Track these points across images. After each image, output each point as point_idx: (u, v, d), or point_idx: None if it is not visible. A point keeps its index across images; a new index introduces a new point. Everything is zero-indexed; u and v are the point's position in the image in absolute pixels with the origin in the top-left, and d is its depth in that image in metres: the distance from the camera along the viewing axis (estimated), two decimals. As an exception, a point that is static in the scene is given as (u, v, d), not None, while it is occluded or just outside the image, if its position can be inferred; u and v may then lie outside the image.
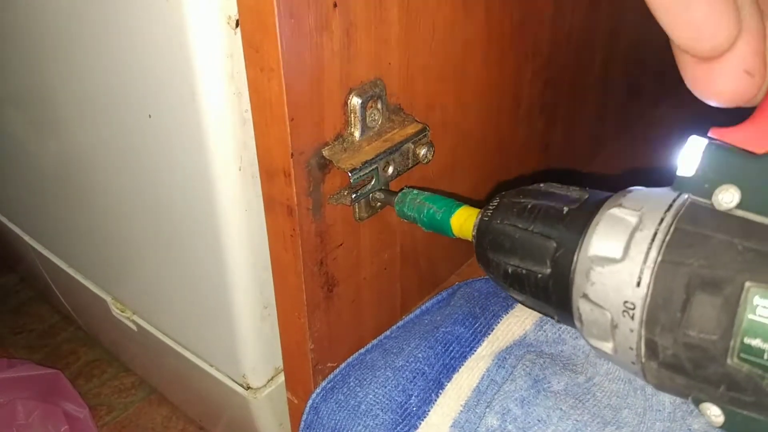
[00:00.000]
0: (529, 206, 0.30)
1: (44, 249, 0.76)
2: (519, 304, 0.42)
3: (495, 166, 0.51)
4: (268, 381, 0.54)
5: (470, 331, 0.41)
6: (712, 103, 0.26)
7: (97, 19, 0.42)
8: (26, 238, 0.78)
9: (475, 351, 0.41)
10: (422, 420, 0.37)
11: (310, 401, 0.40)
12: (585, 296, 0.26)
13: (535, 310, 0.32)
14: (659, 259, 0.24)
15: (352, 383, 0.39)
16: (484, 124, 0.47)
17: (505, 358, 0.40)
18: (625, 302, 0.25)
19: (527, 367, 0.39)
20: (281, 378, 0.53)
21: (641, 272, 0.24)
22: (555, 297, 0.28)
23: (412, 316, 0.45)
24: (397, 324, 0.44)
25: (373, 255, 0.41)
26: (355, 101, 0.34)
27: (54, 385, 0.80)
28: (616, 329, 0.25)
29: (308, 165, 0.33)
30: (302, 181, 0.33)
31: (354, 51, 0.33)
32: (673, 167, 0.26)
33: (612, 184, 0.31)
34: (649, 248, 0.24)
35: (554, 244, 0.28)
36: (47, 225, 0.72)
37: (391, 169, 0.36)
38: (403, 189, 0.37)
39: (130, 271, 0.62)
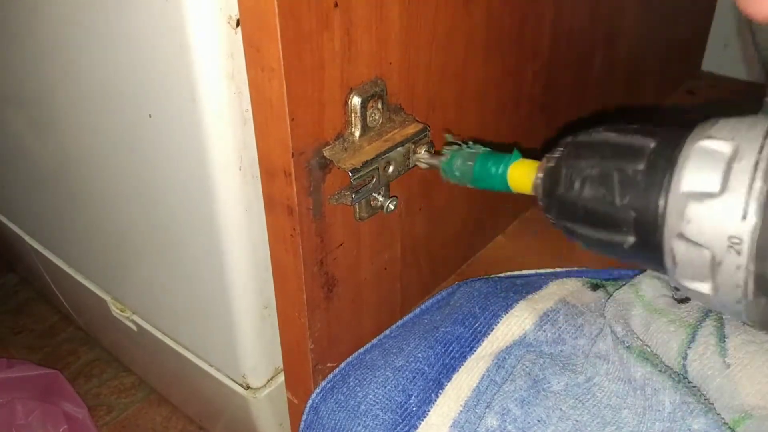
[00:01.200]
0: (604, 146, 0.28)
1: (44, 249, 0.76)
2: (519, 304, 0.42)
3: (495, 166, 0.51)
4: (268, 381, 0.54)
5: (470, 331, 0.41)
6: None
7: (97, 19, 0.42)
8: (26, 238, 0.78)
9: (475, 351, 0.41)
10: (422, 420, 0.37)
11: (310, 401, 0.40)
12: (680, 236, 0.24)
13: (607, 254, 0.29)
14: (766, 188, 0.22)
15: (351, 383, 0.39)
16: (485, 124, 0.47)
17: (504, 358, 0.40)
18: (730, 237, 0.23)
19: (527, 367, 0.39)
20: (281, 378, 0.53)
21: (746, 204, 0.23)
22: (639, 238, 0.26)
23: (411, 315, 0.45)
24: (397, 324, 0.44)
25: (373, 255, 0.41)
26: (356, 101, 0.34)
27: (53, 385, 0.80)
28: (719, 267, 0.24)
29: (309, 165, 0.33)
30: (302, 181, 0.33)
31: (355, 51, 0.33)
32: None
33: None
34: (753, 178, 0.23)
35: (640, 183, 0.26)
36: (47, 225, 0.72)
37: (391, 169, 0.36)
38: (448, 147, 0.35)
39: (129, 271, 0.62)
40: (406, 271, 0.46)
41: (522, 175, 0.32)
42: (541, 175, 0.31)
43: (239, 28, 0.35)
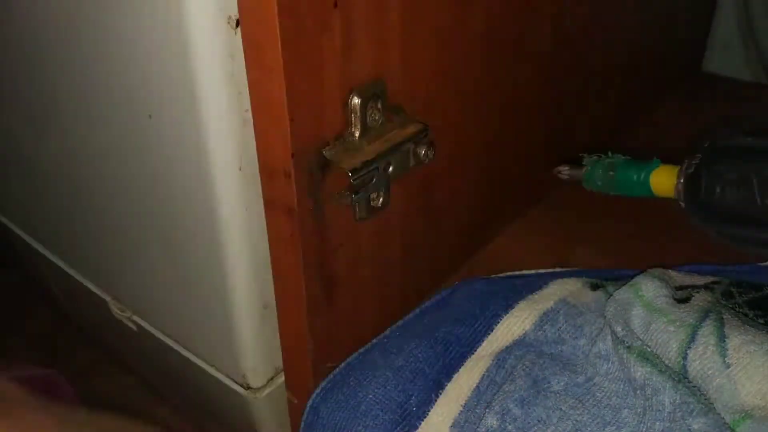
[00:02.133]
0: (742, 150, 0.29)
1: (44, 249, 0.76)
2: (519, 304, 0.42)
3: (495, 165, 0.51)
4: (268, 381, 0.54)
5: (470, 331, 0.41)
6: None
7: (97, 19, 0.42)
8: (26, 238, 0.78)
9: (475, 351, 0.41)
10: (422, 420, 0.37)
11: (310, 401, 0.40)
12: None
13: (754, 249, 0.30)
14: None
15: (352, 383, 0.39)
16: (485, 124, 0.47)
17: (504, 358, 0.40)
18: None
19: (527, 367, 0.39)
20: (281, 378, 0.53)
21: None
22: None
23: (411, 315, 0.45)
24: (397, 324, 0.44)
25: (373, 255, 0.41)
26: (356, 101, 0.34)
27: (53, 385, 0.80)
28: None
29: (308, 165, 0.33)
30: (302, 181, 0.33)
31: (354, 51, 0.33)
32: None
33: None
34: None
35: None
36: (47, 225, 0.72)
37: (391, 169, 0.36)
38: (589, 159, 0.37)
39: (130, 272, 0.62)
40: (406, 271, 0.46)
41: (664, 181, 0.34)
42: (682, 180, 0.33)
43: (239, 28, 0.35)
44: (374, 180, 0.36)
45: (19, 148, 0.65)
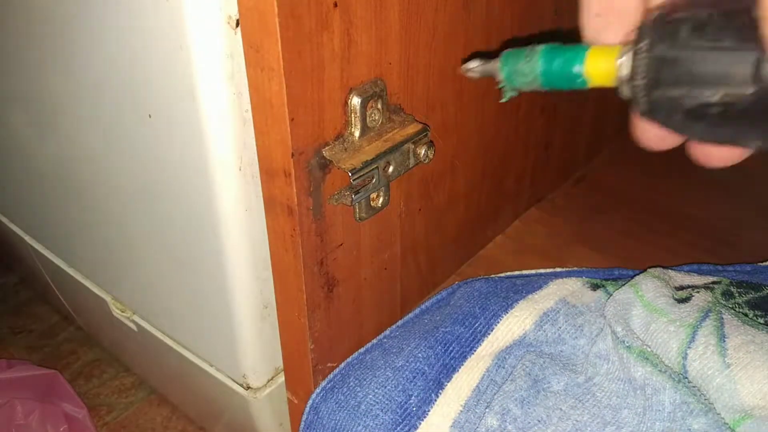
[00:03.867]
0: (704, 18, 0.24)
1: (44, 249, 0.76)
2: (519, 304, 0.42)
3: (495, 165, 0.51)
4: (268, 381, 0.54)
5: (470, 331, 0.41)
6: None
7: (97, 19, 0.42)
8: (26, 238, 0.78)
9: (475, 351, 0.41)
10: (422, 420, 0.37)
11: (310, 401, 0.40)
12: None
13: (726, 143, 0.25)
14: None
15: (352, 383, 0.39)
16: (485, 124, 0.47)
17: (504, 358, 0.40)
18: None
19: (527, 367, 0.39)
20: (281, 378, 0.53)
21: None
22: (762, 114, 0.23)
23: (411, 315, 0.45)
24: (397, 324, 0.44)
25: (373, 255, 0.41)
26: (356, 101, 0.34)
27: (53, 385, 0.80)
28: None
29: (308, 165, 0.33)
30: (302, 181, 0.33)
31: (354, 51, 0.33)
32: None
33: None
34: None
35: (754, 53, 0.22)
36: (47, 225, 0.72)
37: (391, 169, 0.36)
38: (505, 52, 0.30)
39: (130, 271, 0.62)
40: (406, 271, 0.46)
41: (600, 64, 0.27)
42: (623, 59, 0.26)
43: (239, 28, 0.35)
44: (374, 180, 0.36)
45: (19, 148, 0.65)
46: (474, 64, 0.31)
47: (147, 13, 0.38)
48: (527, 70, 0.30)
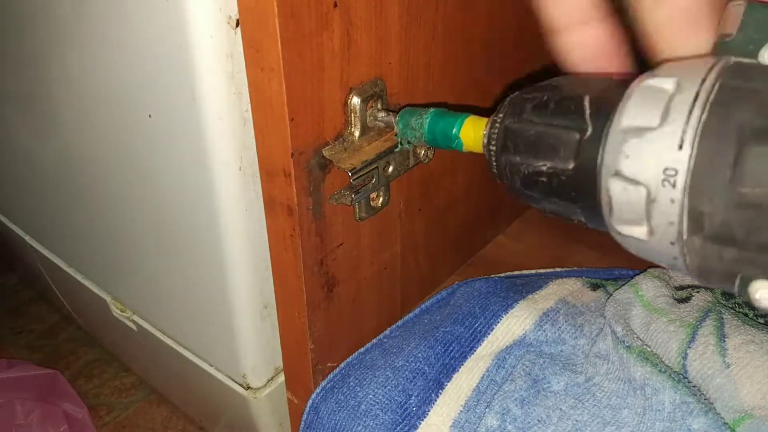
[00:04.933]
0: (545, 99, 0.27)
1: (44, 249, 0.76)
2: (519, 304, 0.42)
3: (495, 166, 0.51)
4: (268, 381, 0.54)
5: (470, 331, 0.41)
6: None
7: (97, 19, 0.42)
8: (26, 238, 0.78)
9: (475, 351, 0.41)
10: (422, 420, 0.37)
11: (310, 401, 0.40)
12: (618, 174, 0.23)
13: (557, 214, 0.28)
14: (703, 117, 0.21)
15: (352, 383, 0.39)
16: (484, 124, 0.47)
17: (504, 358, 0.40)
18: (665, 170, 0.22)
19: (527, 367, 0.39)
20: (281, 378, 0.53)
21: (683, 133, 0.22)
22: (580, 190, 0.26)
23: (411, 315, 0.45)
24: (397, 324, 0.44)
25: (373, 255, 0.41)
26: (355, 101, 0.34)
27: (53, 385, 0.80)
28: (653, 204, 0.23)
29: (308, 165, 0.33)
30: (302, 181, 0.33)
31: (354, 51, 0.33)
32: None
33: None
34: (692, 108, 0.22)
35: (576, 134, 0.25)
36: (47, 225, 0.72)
37: (391, 169, 0.36)
38: (404, 108, 0.34)
39: (130, 271, 0.62)
40: (406, 271, 0.46)
41: (470, 133, 0.31)
42: (487, 131, 0.30)
43: (239, 28, 0.35)
44: (374, 180, 0.36)
45: (19, 148, 0.65)
46: (380, 115, 0.35)
47: (147, 13, 0.38)
48: (417, 126, 0.33)
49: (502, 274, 0.49)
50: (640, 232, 0.24)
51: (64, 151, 0.57)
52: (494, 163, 0.30)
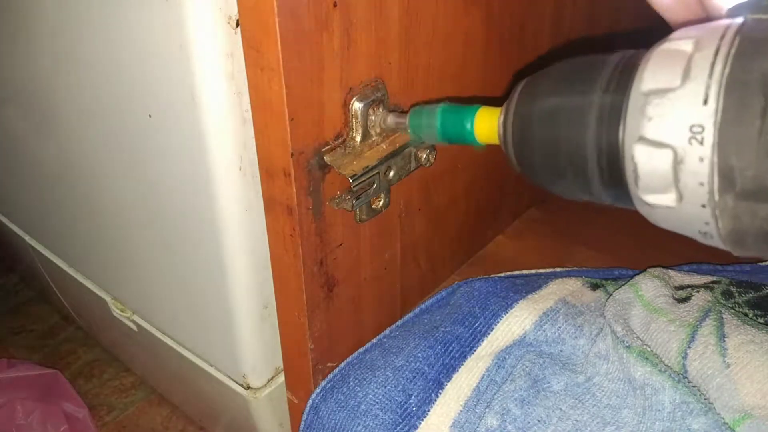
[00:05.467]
0: (557, 78, 0.27)
1: (44, 249, 0.76)
2: (519, 304, 0.42)
3: (495, 166, 0.51)
4: (268, 381, 0.54)
5: (470, 331, 0.41)
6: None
7: (97, 19, 0.42)
8: (26, 238, 0.78)
9: (475, 351, 0.41)
10: (422, 420, 0.37)
11: (310, 401, 0.40)
12: (642, 139, 0.23)
13: (577, 197, 0.28)
14: (726, 70, 0.21)
15: (351, 383, 0.39)
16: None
17: (504, 358, 0.40)
18: (692, 127, 0.21)
19: (527, 367, 0.39)
20: (281, 378, 0.53)
21: (707, 88, 0.21)
22: (603, 163, 0.25)
23: (411, 315, 0.45)
24: (397, 323, 0.45)
25: (373, 255, 0.41)
26: (357, 106, 0.34)
27: (53, 385, 0.80)
28: (681, 166, 0.22)
29: (308, 165, 0.33)
30: (302, 180, 0.33)
31: (354, 51, 0.33)
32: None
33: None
34: (713, 63, 0.21)
35: (595, 105, 0.25)
36: (47, 225, 0.72)
37: (392, 173, 0.36)
38: (413, 107, 0.34)
39: (130, 271, 0.62)
40: (406, 271, 0.46)
41: (484, 124, 0.30)
42: (502, 119, 0.29)
43: (239, 28, 0.35)
44: (375, 185, 0.36)
45: (19, 149, 0.65)
46: (389, 117, 0.35)
47: (147, 13, 0.38)
48: (428, 124, 0.33)
49: (502, 274, 0.49)
50: (668, 199, 0.23)
51: (64, 152, 0.57)
52: (511, 150, 0.29)
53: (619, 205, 0.26)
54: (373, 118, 0.35)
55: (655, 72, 0.23)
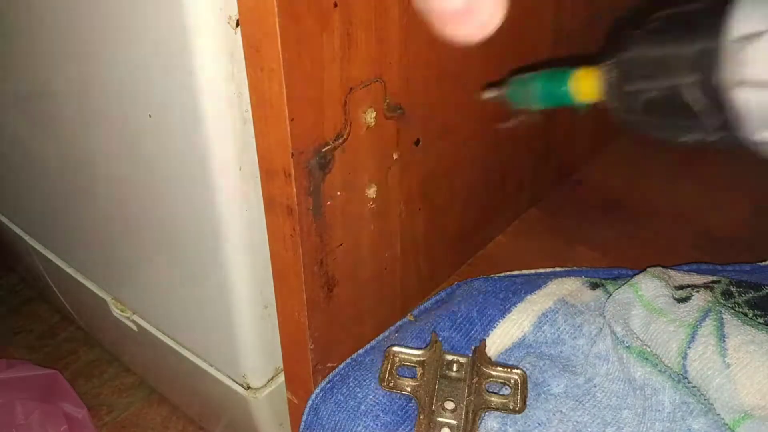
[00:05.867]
0: (653, 29, 0.28)
1: (44, 249, 0.76)
2: (517, 307, 0.42)
3: (495, 165, 0.51)
4: (268, 381, 0.54)
5: (466, 339, 0.41)
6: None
7: (97, 19, 0.42)
8: (26, 238, 0.78)
9: (475, 351, 0.41)
10: (422, 420, 0.37)
11: (310, 401, 0.40)
12: (742, 82, 0.24)
13: (680, 137, 0.29)
14: None
15: (351, 383, 0.39)
16: (485, 123, 0.47)
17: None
18: None
19: (527, 370, 0.39)
20: (281, 378, 0.53)
21: None
22: (707, 106, 0.26)
23: (411, 315, 0.45)
24: (397, 324, 0.45)
25: (373, 255, 0.41)
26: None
27: (53, 385, 0.80)
28: None
29: (308, 165, 0.33)
30: (302, 180, 0.33)
31: (354, 51, 0.33)
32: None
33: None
34: None
35: (694, 48, 0.26)
36: (47, 225, 0.72)
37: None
38: (512, 78, 0.36)
39: (130, 271, 0.62)
40: (406, 271, 0.46)
41: (584, 83, 0.32)
42: (604, 76, 0.31)
43: (239, 29, 0.35)
44: None
45: (19, 148, 0.65)
46: (491, 94, 0.37)
47: (147, 13, 0.38)
48: (526, 91, 0.35)
49: (502, 274, 0.49)
50: None
51: (64, 152, 0.57)
52: (615, 98, 0.30)
53: (724, 146, 0.28)
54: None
55: (745, 18, 0.24)
